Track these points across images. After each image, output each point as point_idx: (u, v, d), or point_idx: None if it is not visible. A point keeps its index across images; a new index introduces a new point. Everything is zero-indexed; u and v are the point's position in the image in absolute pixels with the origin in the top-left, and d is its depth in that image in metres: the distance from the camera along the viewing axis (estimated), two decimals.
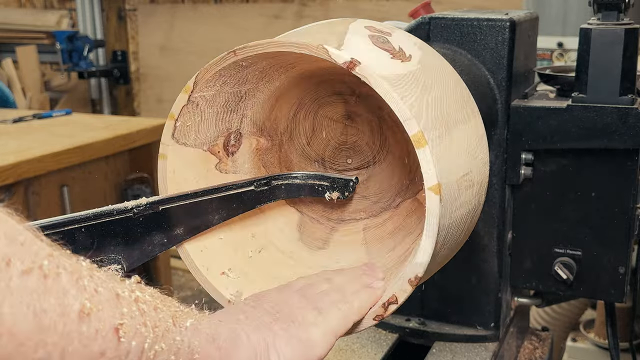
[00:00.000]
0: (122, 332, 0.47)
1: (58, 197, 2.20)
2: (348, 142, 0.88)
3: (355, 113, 0.87)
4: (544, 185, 1.02)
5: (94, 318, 0.45)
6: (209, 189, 0.74)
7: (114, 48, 3.98)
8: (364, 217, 0.88)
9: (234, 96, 0.74)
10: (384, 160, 0.88)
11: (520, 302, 1.16)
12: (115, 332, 0.46)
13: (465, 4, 2.38)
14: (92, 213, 0.64)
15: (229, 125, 0.77)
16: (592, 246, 1.01)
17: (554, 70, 1.16)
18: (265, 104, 0.80)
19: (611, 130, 0.94)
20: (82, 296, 0.44)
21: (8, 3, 4.28)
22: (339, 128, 0.88)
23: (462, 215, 0.71)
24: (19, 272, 0.41)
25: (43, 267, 0.42)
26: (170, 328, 0.52)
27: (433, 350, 1.04)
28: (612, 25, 0.96)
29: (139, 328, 0.48)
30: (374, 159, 0.88)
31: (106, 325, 0.46)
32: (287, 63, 0.74)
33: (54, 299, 0.42)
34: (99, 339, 0.45)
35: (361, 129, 0.87)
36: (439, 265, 0.74)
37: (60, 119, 2.66)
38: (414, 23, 1.00)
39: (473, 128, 0.75)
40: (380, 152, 0.88)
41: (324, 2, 3.40)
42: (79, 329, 0.44)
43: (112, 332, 0.46)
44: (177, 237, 0.73)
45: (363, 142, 0.88)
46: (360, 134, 0.88)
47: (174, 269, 2.85)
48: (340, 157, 0.89)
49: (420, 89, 0.67)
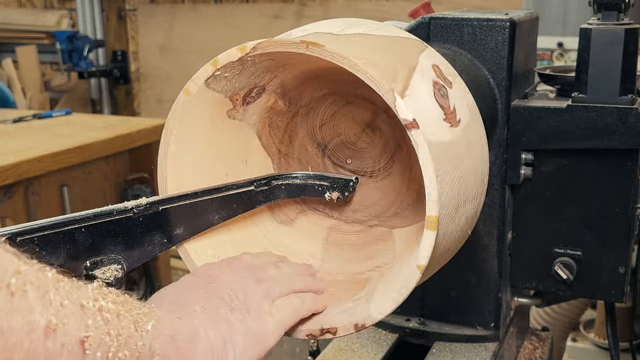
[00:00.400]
0: (87, 344, 0.47)
1: (58, 197, 2.20)
2: (357, 145, 0.88)
3: (378, 127, 0.86)
4: (544, 185, 1.02)
5: (59, 333, 0.45)
6: (209, 189, 0.74)
7: (114, 48, 3.98)
8: (336, 217, 0.88)
9: (277, 65, 0.74)
10: (381, 181, 0.88)
11: (520, 302, 1.16)
12: (81, 344, 0.47)
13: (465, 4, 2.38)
14: (92, 213, 0.64)
15: (259, 81, 0.76)
16: (592, 246, 1.01)
17: (554, 70, 1.16)
18: (300, 77, 0.79)
19: (611, 130, 0.94)
20: (48, 312, 0.45)
21: (8, 3, 4.28)
22: (356, 129, 0.87)
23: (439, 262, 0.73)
24: None
25: (10, 286, 0.43)
26: (133, 334, 0.52)
27: (433, 350, 1.04)
28: (612, 25, 0.96)
29: (103, 338, 0.49)
30: (372, 173, 0.88)
31: (72, 339, 0.46)
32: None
33: (21, 317, 0.43)
34: (65, 353, 0.45)
35: (375, 142, 0.87)
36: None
37: (60, 119, 2.66)
38: (414, 23, 1.00)
39: (478, 205, 0.76)
40: (382, 171, 0.88)
41: (324, 2, 3.40)
42: (45, 345, 0.44)
43: (78, 345, 0.46)
44: (177, 237, 0.73)
45: (370, 154, 0.88)
46: (372, 146, 0.88)
47: (174, 269, 2.85)
48: (342, 153, 0.89)
49: (452, 164, 0.67)
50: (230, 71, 0.71)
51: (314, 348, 1.20)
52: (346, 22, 0.77)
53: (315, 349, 1.19)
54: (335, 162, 0.89)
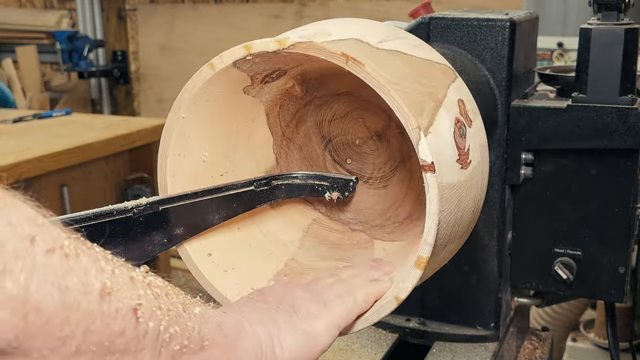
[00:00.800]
0: (140, 312, 0.47)
1: (58, 197, 2.20)
2: (361, 149, 0.88)
3: (387, 139, 0.86)
4: (544, 185, 1.02)
5: (114, 297, 0.45)
6: (209, 189, 0.74)
7: (114, 48, 3.98)
8: (322, 211, 0.88)
9: (307, 58, 0.74)
10: (375, 188, 0.88)
11: (520, 302, 1.16)
12: (134, 312, 0.47)
13: (465, 4, 2.38)
14: (92, 213, 0.64)
15: (283, 67, 0.76)
16: (592, 246, 1.01)
17: (554, 70, 1.16)
18: (324, 70, 0.78)
19: (611, 130, 0.94)
20: (102, 276, 0.45)
21: (8, 3, 4.28)
22: (364, 134, 0.87)
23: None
24: (43, 251, 0.41)
25: (64, 247, 0.43)
26: (182, 314, 0.52)
27: (433, 350, 1.04)
28: (612, 25, 0.96)
29: (155, 310, 0.49)
30: (369, 179, 0.88)
31: (125, 305, 0.46)
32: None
33: (77, 278, 0.43)
34: (119, 318, 0.46)
35: (380, 151, 0.87)
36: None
37: (60, 119, 2.66)
38: (414, 23, 1.00)
39: (464, 240, 0.77)
40: (379, 180, 0.88)
41: (324, 2, 3.40)
42: (101, 308, 0.44)
43: (131, 312, 0.47)
44: (177, 237, 0.73)
45: (372, 161, 0.88)
46: (376, 154, 0.87)
47: (174, 269, 2.85)
48: (344, 152, 0.89)
49: (455, 205, 0.67)
50: (260, 58, 0.70)
51: None
52: (386, 32, 0.76)
53: None
54: (334, 159, 0.89)
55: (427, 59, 0.75)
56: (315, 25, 0.76)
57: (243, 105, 0.79)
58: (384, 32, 0.76)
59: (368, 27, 0.76)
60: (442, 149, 0.66)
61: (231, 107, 0.77)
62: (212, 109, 0.75)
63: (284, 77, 0.78)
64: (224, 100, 0.75)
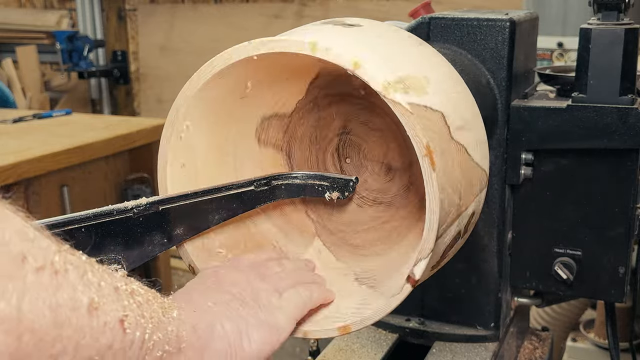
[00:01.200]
0: (127, 323, 0.48)
1: (58, 197, 2.20)
2: (369, 169, 0.88)
3: (392, 172, 0.87)
4: (544, 185, 1.02)
5: (101, 312, 0.46)
6: (208, 189, 0.74)
7: (114, 48, 3.98)
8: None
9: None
10: (364, 208, 0.88)
11: (520, 302, 1.16)
12: (121, 324, 0.48)
13: (465, 4, 2.38)
14: (92, 213, 0.64)
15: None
16: (592, 246, 1.01)
17: (554, 70, 1.16)
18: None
19: (611, 130, 0.94)
20: (90, 291, 0.46)
21: (8, 3, 4.28)
22: (379, 152, 0.87)
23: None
24: (34, 269, 0.42)
25: (54, 264, 0.43)
26: (162, 319, 0.54)
27: (433, 350, 1.04)
28: (612, 25, 0.96)
29: (139, 319, 0.50)
30: (364, 197, 0.88)
31: (112, 318, 0.47)
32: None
33: (66, 294, 0.44)
34: (107, 331, 0.46)
35: (388, 182, 0.87)
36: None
37: (60, 119, 2.66)
38: (414, 23, 1.00)
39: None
40: (372, 201, 0.88)
41: (324, 2, 3.40)
42: (90, 323, 0.45)
43: (119, 324, 0.48)
44: (177, 237, 0.73)
45: (376, 186, 0.88)
46: (382, 182, 0.87)
47: (174, 269, 2.85)
48: (347, 151, 0.88)
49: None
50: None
51: (314, 348, 1.19)
52: (472, 107, 0.76)
53: (315, 349, 1.19)
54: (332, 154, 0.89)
55: (479, 165, 0.74)
56: (410, 63, 0.71)
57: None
58: (470, 107, 0.75)
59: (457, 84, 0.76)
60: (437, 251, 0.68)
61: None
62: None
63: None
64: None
